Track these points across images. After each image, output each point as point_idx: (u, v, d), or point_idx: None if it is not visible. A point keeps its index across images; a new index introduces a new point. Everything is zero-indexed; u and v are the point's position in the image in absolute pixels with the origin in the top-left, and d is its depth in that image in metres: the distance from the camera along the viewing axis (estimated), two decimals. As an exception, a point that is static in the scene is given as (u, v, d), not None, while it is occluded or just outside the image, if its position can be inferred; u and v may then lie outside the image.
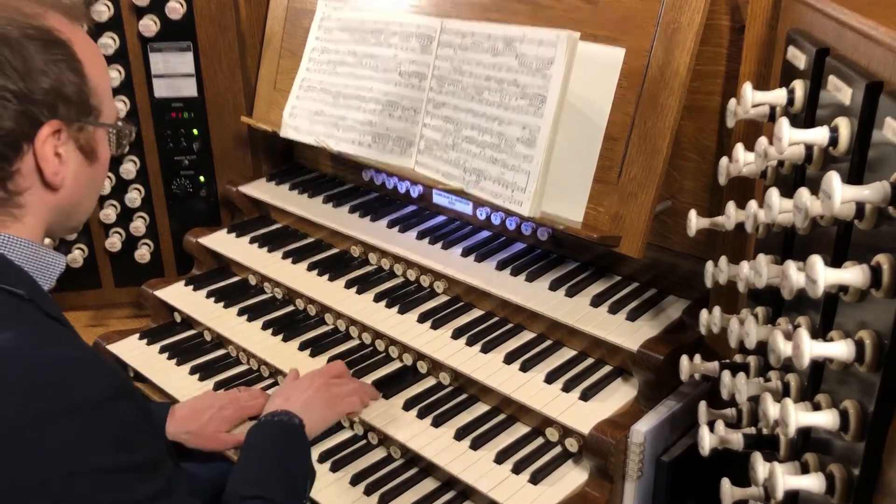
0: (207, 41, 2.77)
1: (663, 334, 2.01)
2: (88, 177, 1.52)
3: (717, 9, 1.92)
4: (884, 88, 1.15)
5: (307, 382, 2.07)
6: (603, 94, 2.06)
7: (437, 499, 1.99)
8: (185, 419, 2.05)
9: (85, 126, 1.47)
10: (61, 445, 1.22)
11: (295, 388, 2.05)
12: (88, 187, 1.54)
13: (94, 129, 1.49)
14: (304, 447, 1.90)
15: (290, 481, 1.79)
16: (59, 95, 1.40)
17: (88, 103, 1.46)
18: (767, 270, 1.34)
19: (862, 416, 1.14)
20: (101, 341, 2.59)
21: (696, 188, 2.06)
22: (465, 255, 2.40)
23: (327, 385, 2.07)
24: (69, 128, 1.43)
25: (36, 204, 1.44)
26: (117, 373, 1.37)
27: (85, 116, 1.46)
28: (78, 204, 1.53)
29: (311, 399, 2.01)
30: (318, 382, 2.07)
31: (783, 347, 1.20)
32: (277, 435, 1.89)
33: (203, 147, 2.88)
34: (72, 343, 1.36)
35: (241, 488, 1.74)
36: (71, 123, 1.43)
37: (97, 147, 1.51)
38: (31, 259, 1.44)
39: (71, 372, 1.26)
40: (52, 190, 1.44)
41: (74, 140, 1.45)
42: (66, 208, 1.50)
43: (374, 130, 2.47)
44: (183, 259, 2.94)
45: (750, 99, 1.48)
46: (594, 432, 1.87)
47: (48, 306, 1.40)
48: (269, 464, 1.81)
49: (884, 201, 1.07)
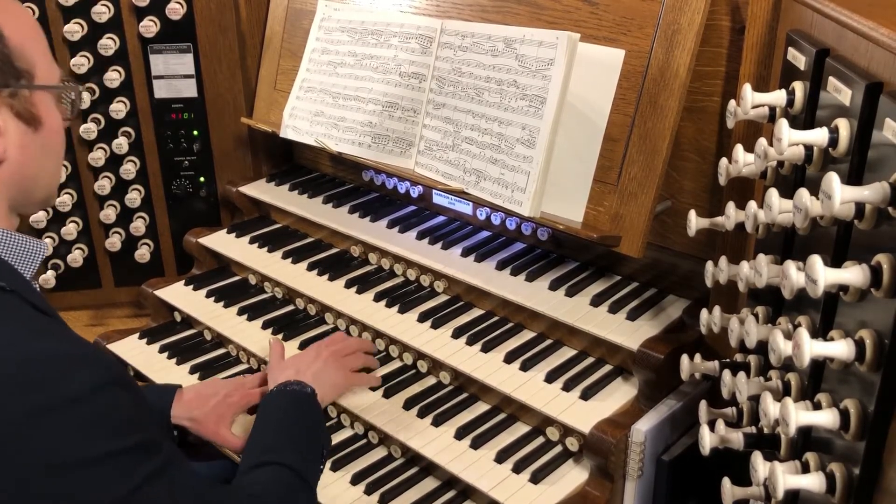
0: (207, 42, 2.77)
1: (663, 334, 2.02)
2: (37, 144, 1.43)
3: (718, 10, 1.93)
4: (883, 89, 1.16)
5: (313, 354, 2.10)
6: (603, 94, 2.06)
7: (437, 498, 1.99)
8: (190, 403, 2.05)
9: (17, 91, 1.37)
10: (58, 439, 1.21)
11: (303, 360, 2.07)
12: (42, 155, 1.45)
13: (31, 93, 1.40)
14: (318, 414, 1.92)
15: (305, 447, 1.79)
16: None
17: (14, 66, 1.36)
18: (767, 270, 1.35)
19: (862, 415, 1.14)
20: (101, 340, 2.60)
21: (696, 188, 2.07)
22: (465, 254, 2.41)
23: (334, 355, 2.10)
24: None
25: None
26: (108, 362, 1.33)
27: (14, 80, 1.36)
28: (33, 176, 1.44)
29: (321, 370, 2.04)
30: (326, 353, 2.10)
31: (783, 347, 1.21)
32: (290, 404, 1.90)
33: (203, 148, 2.89)
34: (59, 335, 1.32)
35: (254, 457, 1.73)
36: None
37: (39, 112, 1.42)
38: (7, 247, 1.39)
39: (61, 366, 1.24)
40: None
41: (9, 107, 1.37)
42: (20, 182, 1.42)
43: (374, 131, 2.47)
44: (183, 259, 2.94)
45: (750, 100, 1.49)
46: (595, 431, 1.87)
47: (32, 296, 1.35)
48: (284, 431, 1.81)
49: (883, 202, 1.08)
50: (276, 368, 2.09)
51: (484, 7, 2.33)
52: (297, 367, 2.04)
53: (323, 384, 2.00)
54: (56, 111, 1.47)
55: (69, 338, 1.33)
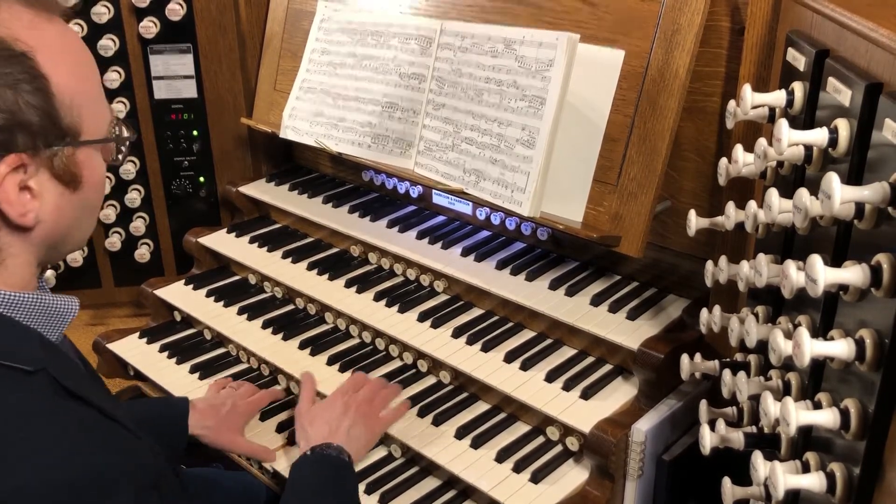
0: (207, 42, 2.77)
1: (663, 333, 2.02)
2: (74, 204, 1.29)
3: (717, 10, 1.93)
4: (883, 90, 1.16)
5: (341, 407, 1.98)
6: (603, 95, 2.07)
7: (437, 498, 2.00)
8: (204, 413, 2.07)
9: (59, 150, 1.22)
10: None
11: (333, 414, 1.96)
12: (78, 214, 1.31)
13: (74, 152, 1.25)
14: (354, 485, 1.86)
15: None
16: (17, 125, 1.17)
17: (59, 125, 1.22)
18: (767, 270, 1.35)
19: (863, 414, 1.14)
20: (101, 340, 2.60)
21: (696, 188, 2.07)
22: (465, 254, 2.41)
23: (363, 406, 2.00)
24: (36, 157, 1.20)
25: (13, 245, 1.24)
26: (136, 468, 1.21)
27: (57, 140, 1.22)
28: (65, 235, 1.31)
29: (353, 426, 1.94)
30: (354, 406, 1.99)
31: (784, 346, 1.21)
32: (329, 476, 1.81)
33: (203, 148, 2.89)
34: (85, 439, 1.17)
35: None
36: (38, 152, 1.20)
37: (80, 170, 1.27)
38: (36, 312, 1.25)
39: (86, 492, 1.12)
40: (25, 230, 1.23)
41: (48, 169, 1.22)
42: (52, 242, 1.29)
43: (374, 131, 2.47)
44: (183, 259, 2.94)
45: (749, 100, 1.49)
46: (595, 431, 1.87)
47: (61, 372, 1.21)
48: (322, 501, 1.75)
49: (883, 202, 1.08)
50: (304, 416, 2.00)
51: (484, 8, 2.33)
52: (329, 424, 1.93)
53: (356, 443, 1.92)
54: (100, 161, 1.33)
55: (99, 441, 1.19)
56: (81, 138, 1.26)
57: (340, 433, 1.92)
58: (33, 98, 1.18)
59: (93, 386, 1.34)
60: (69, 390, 1.20)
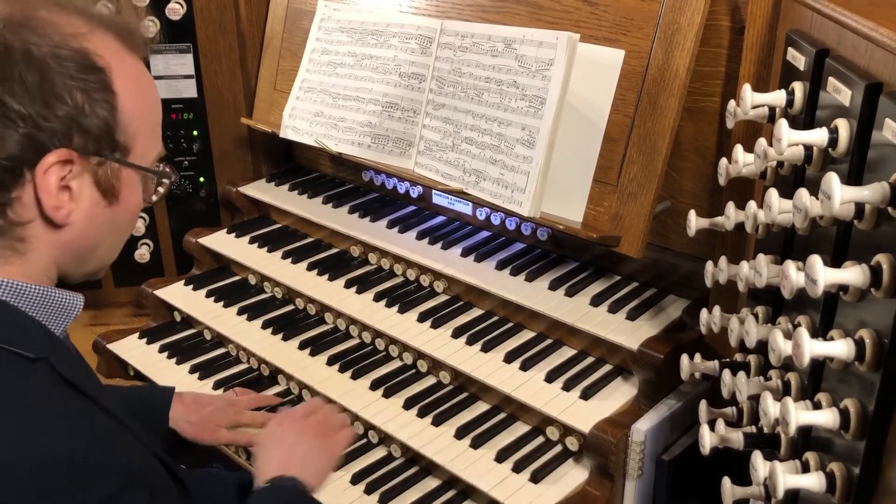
0: (207, 42, 2.77)
1: (663, 333, 2.02)
2: (106, 218, 1.35)
3: (717, 10, 1.93)
4: (883, 90, 1.16)
5: (294, 436, 1.86)
6: (603, 95, 2.06)
7: (437, 498, 2.00)
8: (188, 408, 2.06)
9: (106, 161, 1.31)
10: None
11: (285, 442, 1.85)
12: (106, 230, 1.37)
13: (120, 168, 1.33)
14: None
15: None
16: (77, 124, 1.26)
17: (113, 138, 1.31)
18: (767, 270, 1.35)
19: (862, 414, 1.14)
20: (101, 340, 2.60)
21: (696, 189, 2.07)
22: (465, 254, 2.41)
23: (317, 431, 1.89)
24: (85, 160, 1.28)
25: (39, 239, 1.29)
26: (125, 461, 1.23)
27: (108, 151, 1.30)
28: (92, 247, 1.37)
29: (308, 453, 1.82)
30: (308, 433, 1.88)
31: (783, 346, 1.21)
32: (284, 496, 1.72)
33: (203, 148, 2.89)
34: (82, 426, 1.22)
35: None
36: (87, 156, 1.28)
37: (120, 187, 1.34)
38: (41, 304, 1.30)
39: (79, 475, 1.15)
40: (54, 226, 1.29)
41: (92, 174, 1.30)
42: (77, 250, 1.35)
43: (374, 131, 2.47)
44: (183, 259, 2.94)
45: (749, 100, 1.49)
46: (595, 431, 1.87)
47: (61, 363, 1.26)
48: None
49: (883, 202, 1.08)
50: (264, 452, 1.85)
51: (484, 7, 2.33)
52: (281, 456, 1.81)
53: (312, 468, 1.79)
54: (139, 191, 1.40)
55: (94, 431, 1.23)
56: (130, 159, 1.35)
57: (294, 463, 1.79)
58: (99, 107, 1.28)
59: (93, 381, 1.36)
60: (68, 380, 1.24)
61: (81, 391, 1.26)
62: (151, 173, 1.42)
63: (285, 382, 2.37)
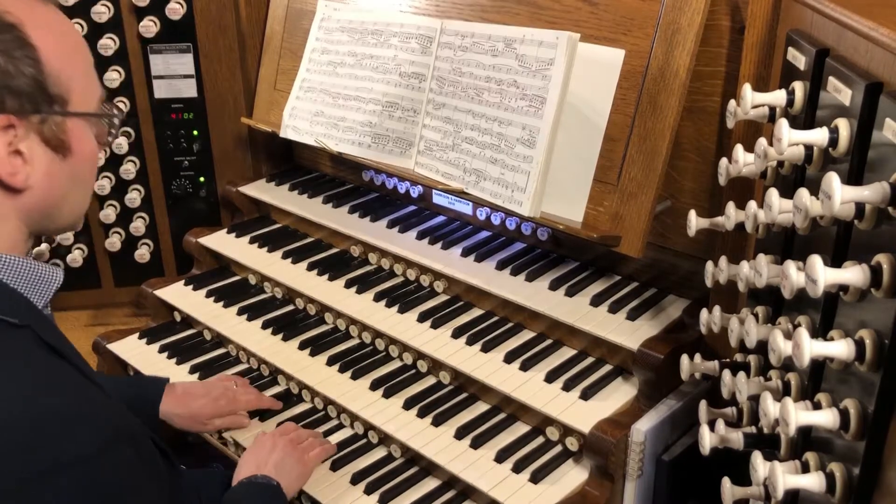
0: (207, 42, 2.77)
1: (663, 333, 2.02)
2: (65, 173, 1.35)
3: (718, 9, 1.93)
4: (883, 89, 1.16)
5: (269, 444, 1.98)
6: (603, 94, 2.06)
7: (437, 498, 1.99)
8: (178, 400, 2.11)
9: (48, 117, 1.30)
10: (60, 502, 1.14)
11: (261, 452, 1.96)
12: (68, 184, 1.37)
13: (63, 120, 1.32)
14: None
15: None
16: (6, 87, 1.24)
17: (47, 92, 1.29)
18: (767, 270, 1.35)
19: (862, 415, 1.14)
20: (101, 340, 2.60)
21: (696, 188, 2.07)
22: (465, 254, 2.41)
23: (292, 443, 1.99)
24: (25, 120, 1.27)
25: (3, 206, 1.30)
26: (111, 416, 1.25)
27: (45, 106, 1.29)
28: (58, 204, 1.37)
29: (281, 460, 1.93)
30: (282, 442, 1.98)
31: (783, 346, 1.21)
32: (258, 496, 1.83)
33: (203, 148, 2.89)
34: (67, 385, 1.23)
35: None
36: (26, 116, 1.27)
37: (69, 139, 1.34)
38: (23, 276, 1.31)
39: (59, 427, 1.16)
40: (15, 192, 1.29)
41: (37, 133, 1.29)
42: (44, 210, 1.35)
43: (374, 131, 2.47)
44: (183, 259, 2.94)
45: (750, 100, 1.49)
46: (594, 431, 1.87)
47: (44, 332, 1.28)
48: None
49: (883, 202, 1.08)
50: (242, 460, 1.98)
51: (484, 7, 2.33)
52: (258, 460, 1.93)
53: (287, 475, 1.90)
54: (90, 137, 1.39)
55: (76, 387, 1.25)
56: (70, 108, 1.33)
57: (268, 466, 1.90)
58: (23, 64, 1.26)
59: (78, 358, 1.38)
60: (51, 346, 1.26)
61: (66, 358, 1.28)
62: (95, 117, 1.39)
63: (285, 382, 2.36)
